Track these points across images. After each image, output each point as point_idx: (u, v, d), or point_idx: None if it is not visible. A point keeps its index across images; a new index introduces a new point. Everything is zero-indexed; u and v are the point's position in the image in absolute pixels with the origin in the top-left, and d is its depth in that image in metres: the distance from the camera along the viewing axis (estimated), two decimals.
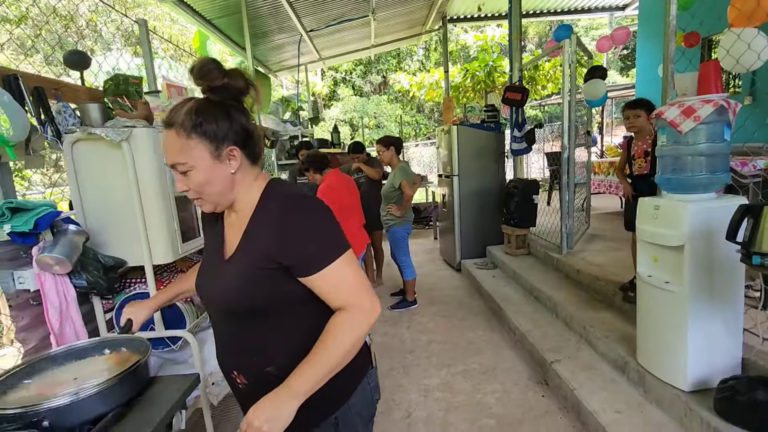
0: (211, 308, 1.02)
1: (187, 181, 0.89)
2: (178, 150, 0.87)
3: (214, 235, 1.03)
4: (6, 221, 1.28)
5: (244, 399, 1.00)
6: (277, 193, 0.94)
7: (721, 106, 1.68)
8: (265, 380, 0.91)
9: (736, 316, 1.82)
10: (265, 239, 0.88)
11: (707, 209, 1.75)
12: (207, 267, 1.03)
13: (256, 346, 0.94)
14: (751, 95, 5.91)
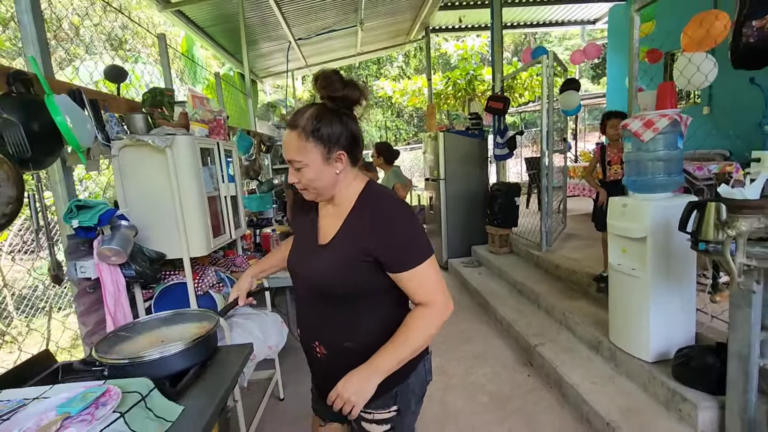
0: (302, 284, 1.15)
1: (299, 175, 1.03)
2: (296, 149, 1.00)
3: (308, 221, 1.16)
4: (74, 217, 1.46)
5: (319, 366, 1.17)
6: (379, 197, 1.07)
7: (675, 119, 2.01)
8: (342, 353, 1.08)
9: (689, 297, 2.15)
10: (366, 235, 1.01)
11: (665, 206, 2.07)
12: (301, 248, 1.17)
13: (340, 324, 1.09)
14: (708, 106, 6.44)
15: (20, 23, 1.39)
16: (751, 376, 1.71)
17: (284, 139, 1.02)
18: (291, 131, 1.01)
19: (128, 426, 0.86)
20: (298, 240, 1.21)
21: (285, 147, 1.02)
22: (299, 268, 1.15)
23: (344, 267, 1.04)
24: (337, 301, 1.08)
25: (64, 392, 0.95)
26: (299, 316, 1.20)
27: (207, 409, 0.99)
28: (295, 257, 1.18)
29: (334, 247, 1.07)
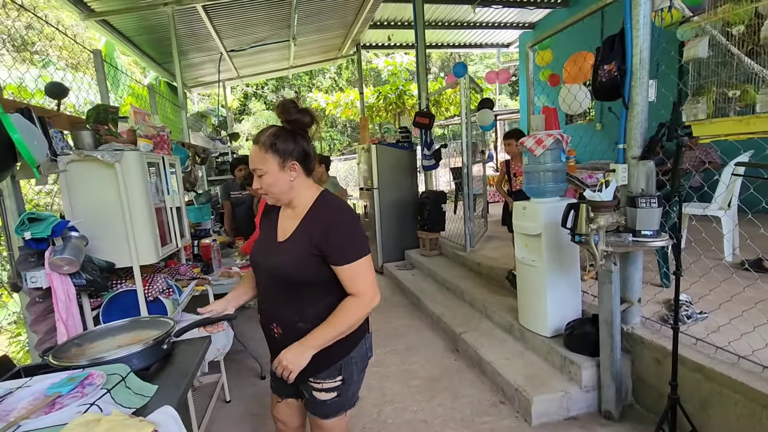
0: (263, 275, 1.37)
1: (261, 181, 1.27)
2: (258, 160, 1.25)
3: (270, 222, 1.40)
4: (26, 229, 1.52)
5: (276, 344, 1.37)
6: (330, 203, 1.32)
7: (558, 138, 2.51)
8: (295, 332, 1.30)
9: (576, 280, 2.65)
10: (318, 234, 1.25)
11: (554, 208, 2.55)
12: (263, 244, 1.40)
13: (293, 307, 1.31)
14: (600, 123, 7.52)
15: None
16: (615, 339, 2.20)
17: (251, 152, 1.27)
18: (254, 145, 1.27)
19: (114, 399, 1.02)
20: (262, 237, 1.44)
21: (250, 158, 1.27)
22: (261, 261, 1.38)
23: (298, 259, 1.27)
24: (291, 289, 1.30)
25: (48, 379, 1.08)
26: (261, 303, 1.42)
27: (180, 384, 1.17)
28: (258, 251, 1.41)
29: (290, 243, 1.31)
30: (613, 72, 2.13)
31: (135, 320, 1.51)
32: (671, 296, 2.58)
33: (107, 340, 1.40)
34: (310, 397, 1.40)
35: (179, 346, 1.45)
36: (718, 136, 1.67)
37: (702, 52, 1.66)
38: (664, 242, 2.05)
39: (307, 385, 1.39)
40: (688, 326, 2.25)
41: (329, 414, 1.40)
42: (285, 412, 1.54)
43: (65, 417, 0.91)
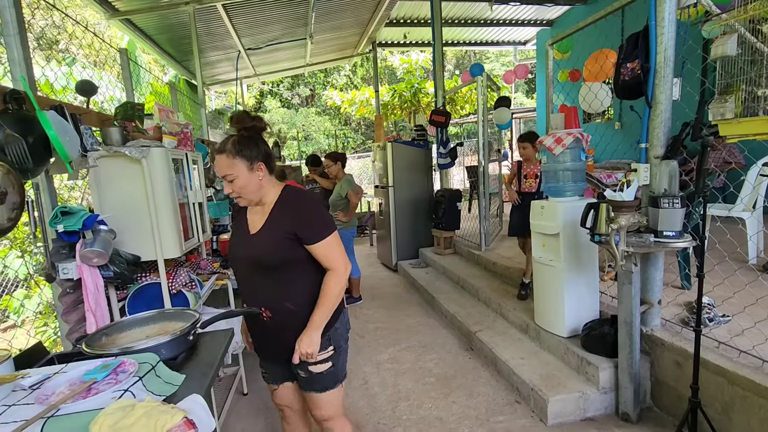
0: (244, 266, 1.47)
1: (233, 186, 1.38)
2: (227, 166, 1.36)
3: (241, 219, 1.52)
4: (59, 222, 1.58)
5: (264, 328, 1.48)
6: (292, 192, 1.47)
7: (577, 137, 2.48)
8: (285, 312, 1.44)
9: (594, 281, 2.63)
10: (287, 219, 1.40)
11: (573, 207, 2.53)
12: (238, 239, 1.51)
13: (279, 290, 1.44)
14: (619, 122, 7.39)
15: (7, 45, 1.51)
16: (634, 340, 2.17)
17: (217, 160, 1.37)
18: (220, 154, 1.37)
19: (145, 387, 1.06)
20: (235, 233, 1.55)
21: (218, 166, 1.37)
22: (240, 253, 1.48)
23: (275, 244, 1.40)
24: (273, 272, 1.42)
25: (83, 366, 1.12)
26: (245, 293, 1.51)
27: (207, 374, 1.20)
28: (234, 246, 1.53)
29: (264, 231, 1.42)
30: (637, 70, 2.10)
31: (161, 312, 1.55)
32: (692, 298, 2.53)
33: (135, 331, 1.45)
34: (307, 374, 1.50)
35: (203, 338, 1.49)
36: (746, 135, 1.64)
37: (731, 49, 1.62)
38: (686, 243, 2.02)
39: (301, 363, 1.48)
40: (711, 329, 2.21)
41: (328, 386, 1.53)
42: (285, 395, 1.65)
43: (101, 402, 0.95)
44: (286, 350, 1.46)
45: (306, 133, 18.16)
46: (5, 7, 1.51)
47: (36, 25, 6.63)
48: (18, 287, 4.08)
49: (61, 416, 0.92)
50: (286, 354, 1.46)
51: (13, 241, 3.38)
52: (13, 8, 1.52)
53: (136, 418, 0.88)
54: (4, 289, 3.91)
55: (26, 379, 1.06)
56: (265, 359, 1.63)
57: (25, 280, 3.97)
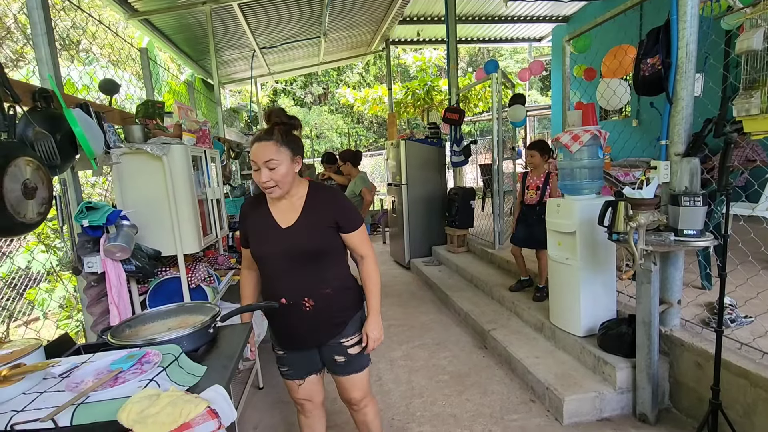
0: (280, 260, 1.48)
1: (274, 173, 1.38)
2: (273, 152, 1.37)
3: (261, 218, 1.51)
4: (84, 217, 1.63)
5: (302, 319, 1.50)
6: (321, 186, 1.56)
7: (595, 134, 2.45)
8: (325, 299, 1.49)
9: (611, 280, 2.59)
10: (327, 209, 1.48)
11: (590, 205, 2.50)
12: (266, 235, 1.50)
13: (319, 277, 1.49)
14: (637, 119, 7.26)
15: (35, 45, 1.55)
16: (653, 340, 2.14)
17: (259, 147, 1.38)
18: (266, 141, 1.39)
19: (169, 377, 1.09)
20: (259, 231, 1.52)
21: (261, 151, 1.37)
22: (274, 247, 1.48)
23: (319, 233, 1.48)
24: (316, 261, 1.48)
25: (109, 356, 1.15)
26: (283, 287, 1.50)
27: (228, 366, 1.23)
28: (262, 242, 1.50)
29: (304, 222, 1.46)
30: (657, 66, 2.06)
31: (181, 305, 1.58)
32: (713, 299, 2.48)
33: (157, 323, 1.49)
34: (346, 357, 1.58)
35: (222, 331, 1.52)
36: None
37: (756, 43, 1.58)
38: (708, 242, 1.98)
39: (340, 347, 1.57)
40: (732, 330, 2.17)
41: (364, 364, 1.63)
42: (310, 389, 1.68)
43: (128, 390, 0.98)
44: (324, 336, 1.55)
45: (319, 131, 18.25)
46: (33, 8, 1.56)
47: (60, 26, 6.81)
48: (40, 281, 4.21)
49: (91, 403, 0.95)
50: (323, 339, 1.55)
51: (39, 236, 3.49)
52: (41, 9, 1.57)
53: (161, 407, 0.91)
54: (29, 282, 4.03)
55: (56, 367, 1.10)
56: (298, 350, 1.62)
57: (49, 274, 4.09)
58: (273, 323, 1.62)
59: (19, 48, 7.41)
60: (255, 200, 1.58)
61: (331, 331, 1.55)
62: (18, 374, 0.98)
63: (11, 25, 6.01)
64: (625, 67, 2.61)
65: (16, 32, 6.35)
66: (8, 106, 1.28)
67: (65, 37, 6.38)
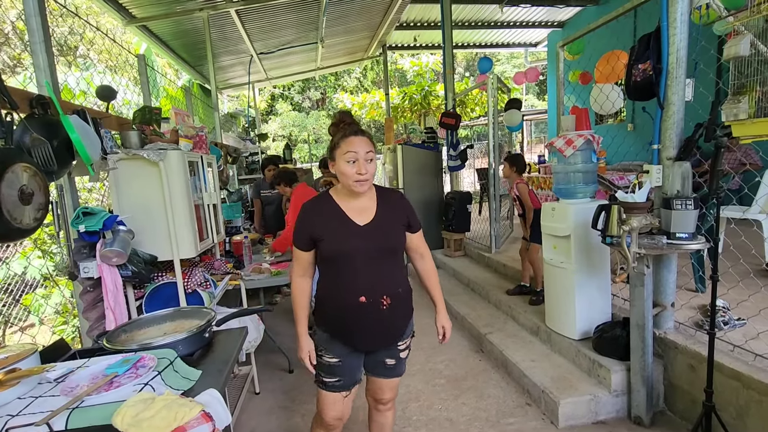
0: (362, 257, 1.45)
1: (371, 166, 1.43)
2: (370, 145, 1.45)
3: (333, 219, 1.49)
4: (81, 222, 1.64)
5: (375, 319, 1.47)
6: (386, 188, 1.62)
7: (588, 139, 2.48)
8: (397, 297, 1.50)
9: (606, 283, 2.61)
10: (399, 208, 1.55)
11: (584, 209, 2.52)
12: (345, 233, 1.47)
13: (393, 275, 1.51)
14: (632, 124, 7.31)
15: (33, 53, 1.57)
16: (647, 343, 2.16)
17: (359, 140, 1.42)
18: (362, 135, 1.45)
19: (164, 381, 1.10)
20: (335, 229, 1.47)
21: (363, 144, 1.42)
22: (355, 245, 1.45)
23: (394, 230, 1.52)
24: (391, 258, 1.51)
25: (104, 361, 1.16)
26: (362, 285, 1.45)
27: (222, 370, 1.24)
28: (343, 241, 1.46)
29: (383, 220, 1.50)
30: (648, 71, 2.09)
31: (177, 310, 1.60)
32: (706, 302, 2.50)
33: (153, 328, 1.50)
34: (397, 361, 1.60)
35: (218, 336, 1.53)
36: (760, 136, 1.62)
37: (743, 50, 1.61)
38: (699, 245, 2.00)
39: (395, 350, 1.59)
40: (725, 332, 2.18)
41: (404, 368, 1.67)
42: (346, 405, 1.62)
43: (123, 394, 0.99)
44: (393, 336, 1.56)
45: (316, 136, 18.29)
46: (31, 15, 1.58)
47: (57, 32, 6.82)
48: (36, 287, 4.20)
49: (86, 407, 0.96)
50: (391, 340, 1.56)
51: (35, 241, 3.49)
52: (39, 17, 1.58)
53: (156, 410, 0.91)
54: (24, 288, 4.02)
55: (51, 372, 1.11)
56: (357, 356, 1.57)
57: (45, 280, 4.08)
58: (339, 326, 1.52)
59: (16, 54, 7.44)
60: (317, 201, 1.55)
61: (397, 332, 1.56)
62: (13, 379, 0.99)
63: (9, 31, 6.02)
64: (618, 72, 2.64)
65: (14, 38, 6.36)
66: (5, 112, 1.29)
67: (63, 43, 6.40)
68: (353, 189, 1.44)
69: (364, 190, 1.45)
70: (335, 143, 1.46)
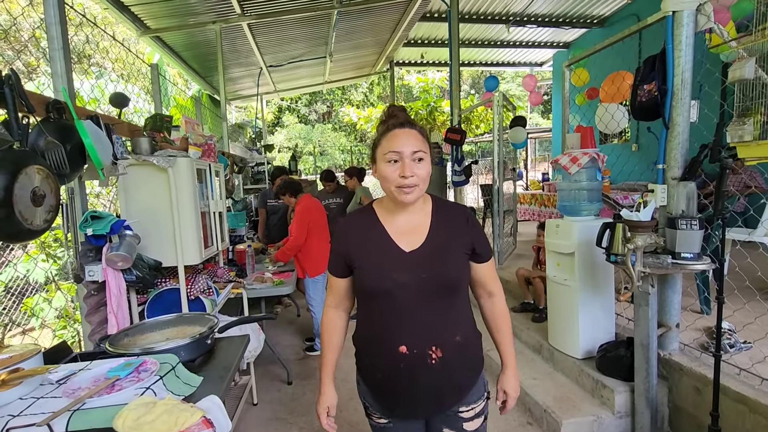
0: (405, 293, 1.09)
1: (419, 168, 1.07)
2: (421, 143, 1.09)
3: (373, 237, 1.15)
4: (88, 226, 1.65)
5: (428, 376, 1.09)
6: (449, 202, 1.23)
7: (593, 157, 2.49)
8: (454, 349, 1.11)
9: (610, 301, 2.59)
10: (463, 232, 1.15)
11: (588, 227, 2.51)
12: (386, 261, 1.12)
13: (449, 319, 1.12)
14: (636, 144, 7.35)
15: (51, 59, 1.61)
16: (651, 364, 2.13)
17: (403, 134, 1.09)
18: (411, 128, 1.10)
19: (165, 386, 1.09)
20: (374, 255, 1.14)
21: (407, 139, 1.08)
22: (398, 278, 1.10)
23: (453, 259, 1.13)
24: (448, 296, 1.12)
25: (107, 364, 1.16)
26: (404, 331, 1.10)
27: (224, 377, 1.23)
28: (384, 271, 1.11)
29: (438, 245, 1.12)
30: (654, 92, 2.12)
31: (180, 316, 1.60)
32: (711, 323, 2.47)
33: (155, 333, 1.50)
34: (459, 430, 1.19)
35: (220, 343, 1.53)
36: (764, 158, 1.63)
37: (748, 73, 1.63)
38: (705, 266, 1.99)
39: (456, 418, 1.18)
40: (732, 355, 2.16)
41: None
42: None
43: (124, 398, 0.99)
44: (447, 401, 1.15)
45: (321, 149, 18.45)
46: (52, 23, 1.62)
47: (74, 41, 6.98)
48: (38, 291, 4.20)
49: (87, 410, 0.95)
50: (444, 405, 1.15)
51: (42, 244, 3.51)
52: (59, 25, 1.63)
53: (157, 415, 0.91)
54: (27, 290, 4.02)
55: (54, 374, 1.11)
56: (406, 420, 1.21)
57: (47, 284, 4.09)
58: (377, 380, 1.17)
59: (33, 61, 7.60)
60: (358, 216, 1.22)
61: (455, 394, 1.16)
62: (16, 378, 0.99)
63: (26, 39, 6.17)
64: (623, 92, 2.67)
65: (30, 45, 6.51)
66: (22, 115, 1.32)
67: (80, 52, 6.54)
68: (397, 198, 1.09)
69: (410, 200, 1.09)
70: (376, 141, 1.14)
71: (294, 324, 4.38)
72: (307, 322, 4.26)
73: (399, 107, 1.20)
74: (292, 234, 3.37)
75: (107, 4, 3.69)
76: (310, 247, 3.42)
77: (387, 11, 6.09)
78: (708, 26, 2.02)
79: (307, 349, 3.66)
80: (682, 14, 2.04)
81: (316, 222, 3.61)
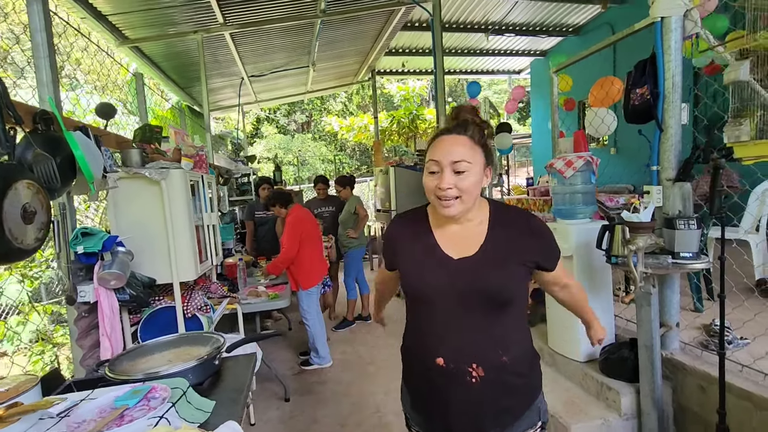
0: (448, 303, 1.05)
1: (460, 179, 1.00)
2: (467, 151, 1.01)
3: (420, 241, 1.12)
4: (79, 243, 1.55)
5: (467, 396, 1.02)
6: (513, 209, 1.16)
7: (588, 160, 2.52)
8: (499, 370, 1.02)
9: (608, 303, 2.61)
10: (524, 242, 1.08)
11: (585, 229, 2.54)
12: (430, 268, 1.08)
13: (495, 336, 1.04)
14: (615, 148, 7.56)
15: (37, 68, 1.52)
16: (656, 365, 2.14)
17: (446, 141, 1.03)
18: (459, 135, 1.03)
19: (178, 414, 1.02)
20: (418, 261, 1.12)
21: (450, 147, 1.02)
22: (440, 286, 1.06)
23: (507, 271, 1.06)
24: (496, 311, 1.05)
25: (111, 392, 1.07)
26: (443, 342, 1.06)
27: (238, 399, 1.16)
28: (427, 278, 1.08)
29: (490, 255, 1.06)
30: (646, 95, 2.16)
31: (182, 336, 1.51)
32: (707, 321, 2.52)
33: (156, 356, 1.41)
34: None
35: (226, 363, 1.45)
36: (761, 157, 1.68)
37: (743, 75, 1.69)
38: (704, 264, 2.03)
39: None
40: (732, 352, 2.19)
41: None
42: None
43: (137, 429, 0.91)
44: (492, 426, 1.05)
45: (302, 159, 18.30)
46: (37, 30, 1.53)
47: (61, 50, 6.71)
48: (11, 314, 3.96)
49: None
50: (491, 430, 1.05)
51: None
52: (44, 32, 1.54)
53: None
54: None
55: (54, 406, 1.01)
56: None
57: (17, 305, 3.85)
58: (415, 391, 1.16)
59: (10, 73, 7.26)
60: (410, 217, 1.19)
61: (498, 421, 1.06)
62: (15, 414, 0.90)
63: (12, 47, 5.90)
64: (612, 96, 2.74)
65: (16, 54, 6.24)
66: (9, 127, 1.23)
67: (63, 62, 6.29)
68: (438, 210, 1.05)
69: (451, 213, 1.03)
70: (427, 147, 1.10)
71: (286, 338, 4.27)
72: (301, 336, 4.15)
73: (468, 107, 1.10)
74: (283, 246, 3.29)
75: (85, 13, 3.56)
76: (302, 259, 3.35)
77: (370, 20, 6.11)
78: (695, 31, 2.08)
79: (303, 363, 3.55)
80: (671, 20, 2.10)
81: (308, 233, 3.54)
